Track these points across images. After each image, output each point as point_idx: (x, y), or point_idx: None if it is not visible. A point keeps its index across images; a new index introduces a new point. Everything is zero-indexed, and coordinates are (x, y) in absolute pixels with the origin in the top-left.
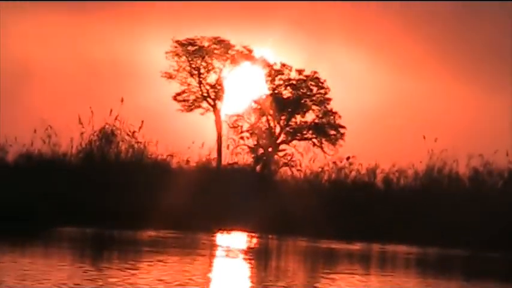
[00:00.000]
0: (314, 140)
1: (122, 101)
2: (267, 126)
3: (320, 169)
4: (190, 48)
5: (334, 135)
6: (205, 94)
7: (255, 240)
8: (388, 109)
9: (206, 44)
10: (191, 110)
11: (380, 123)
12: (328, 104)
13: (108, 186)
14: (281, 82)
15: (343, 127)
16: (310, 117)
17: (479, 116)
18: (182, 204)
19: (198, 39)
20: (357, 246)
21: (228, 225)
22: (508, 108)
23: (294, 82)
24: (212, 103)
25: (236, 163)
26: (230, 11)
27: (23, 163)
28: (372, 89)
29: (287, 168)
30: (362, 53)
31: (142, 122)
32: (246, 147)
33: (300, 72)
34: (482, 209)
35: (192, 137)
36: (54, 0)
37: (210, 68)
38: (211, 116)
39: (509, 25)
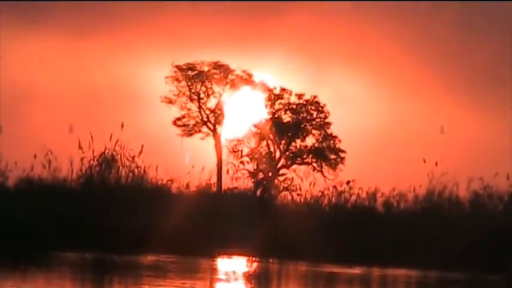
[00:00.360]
0: (314, 164)
1: (122, 126)
2: (267, 150)
3: (320, 193)
4: (190, 73)
5: (334, 159)
6: (205, 119)
7: (255, 265)
8: (388, 133)
9: (206, 68)
10: (191, 134)
11: (380, 147)
12: (328, 128)
13: (108, 211)
14: (281, 106)
15: (343, 151)
16: (310, 141)
17: (479, 139)
18: (182, 229)
19: (198, 63)
20: (357, 270)
21: (228, 249)
22: (508, 131)
23: (294, 106)
24: (212, 128)
25: (236, 188)
26: (230, 36)
27: (23, 188)
28: (372, 112)
29: (287, 192)
30: (362, 77)
31: (142, 146)
32: (246, 171)
33: (299, 96)
34: (483, 232)
35: (192, 161)
36: (52, 1)
37: (209, 92)
38: (211, 140)
39: (509, 47)
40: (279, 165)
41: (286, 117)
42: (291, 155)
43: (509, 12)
